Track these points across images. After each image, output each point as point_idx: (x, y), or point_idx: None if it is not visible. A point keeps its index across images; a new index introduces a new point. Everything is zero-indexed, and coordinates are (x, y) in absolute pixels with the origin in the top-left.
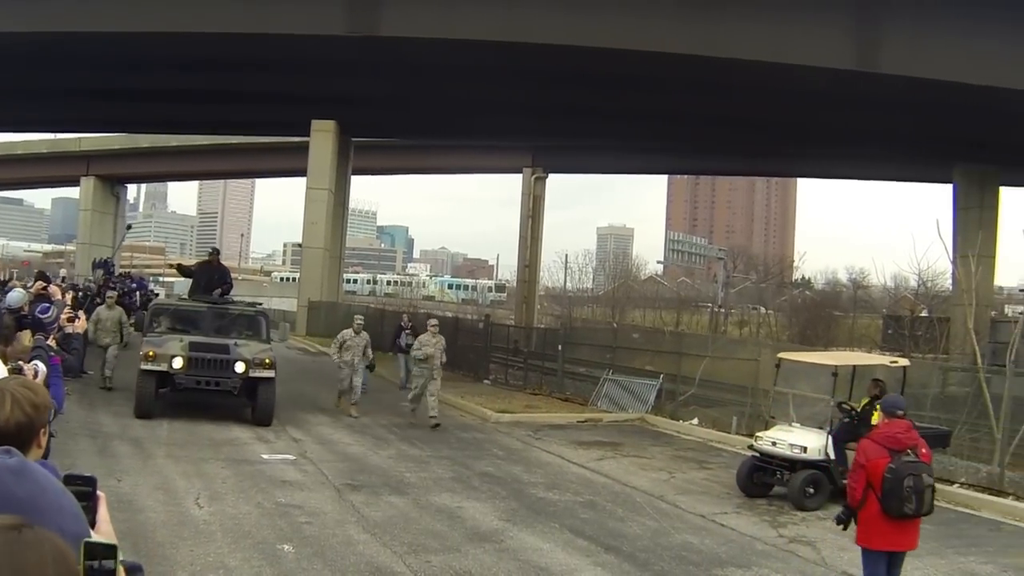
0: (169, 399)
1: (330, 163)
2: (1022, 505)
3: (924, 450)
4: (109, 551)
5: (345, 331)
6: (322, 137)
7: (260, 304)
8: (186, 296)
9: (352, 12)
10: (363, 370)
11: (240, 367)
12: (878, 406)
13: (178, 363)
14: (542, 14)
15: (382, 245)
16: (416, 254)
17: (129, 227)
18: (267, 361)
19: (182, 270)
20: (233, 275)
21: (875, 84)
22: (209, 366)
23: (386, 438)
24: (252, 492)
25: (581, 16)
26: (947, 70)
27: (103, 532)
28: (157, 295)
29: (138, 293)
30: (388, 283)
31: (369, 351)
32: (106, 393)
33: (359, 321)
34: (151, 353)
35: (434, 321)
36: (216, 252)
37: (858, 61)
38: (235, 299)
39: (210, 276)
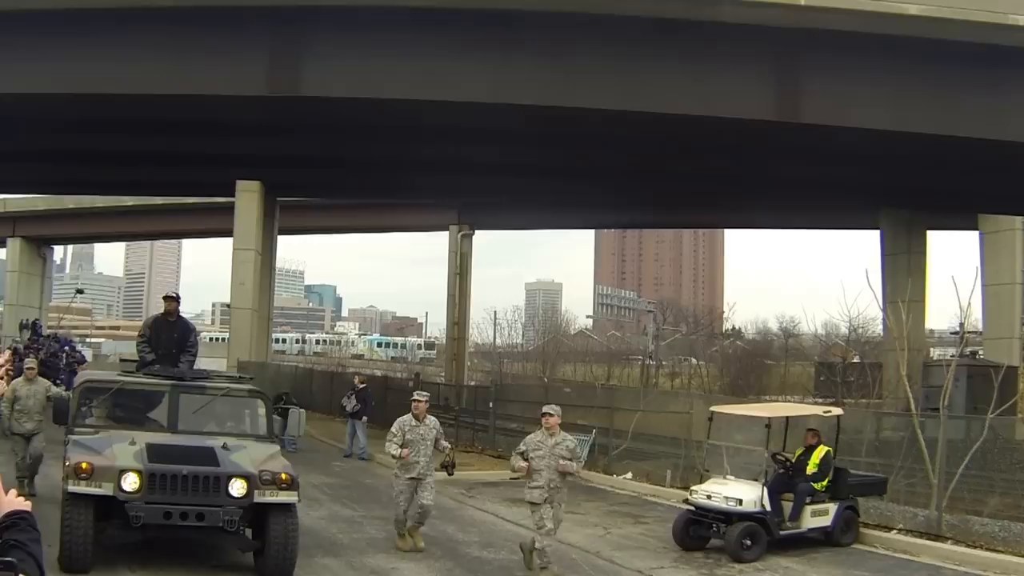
0: (118, 541)
1: (256, 223)
2: (961, 549)
3: None
4: None
5: (403, 417)
6: (247, 198)
7: (250, 377)
8: (131, 365)
9: (273, 73)
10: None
11: (238, 488)
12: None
13: (131, 482)
14: (463, 73)
15: (310, 304)
16: (345, 313)
17: (80, 291)
18: (283, 477)
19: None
20: None
21: (797, 134)
22: (184, 487)
23: (318, 498)
24: (184, 556)
25: (503, 73)
26: (869, 118)
27: None
28: (84, 357)
29: (64, 353)
30: (317, 342)
31: (443, 441)
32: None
33: (423, 399)
34: (84, 465)
35: (553, 410)
36: (176, 299)
37: (779, 112)
38: (205, 368)
39: (170, 335)
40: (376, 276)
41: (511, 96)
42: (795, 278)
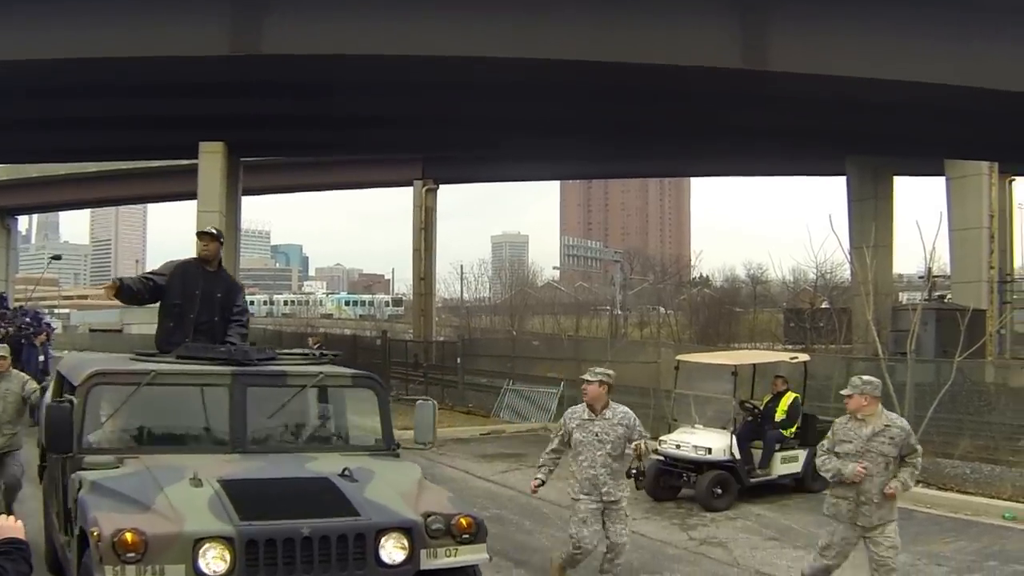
0: None
1: (220, 185)
2: (932, 492)
3: None
4: None
5: (574, 407)
6: (210, 159)
7: (333, 354)
8: (108, 339)
9: (233, 32)
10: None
11: (395, 548)
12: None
13: (217, 559)
14: (428, 25)
15: (277, 264)
16: (312, 272)
17: (57, 257)
18: (463, 523)
19: (126, 292)
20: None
21: (764, 82)
22: (307, 556)
23: None
24: None
25: (468, 25)
26: (836, 65)
27: None
28: (53, 328)
29: (27, 323)
30: (285, 303)
31: (638, 436)
32: None
33: (595, 379)
34: (130, 538)
35: (867, 384)
36: (217, 237)
37: (746, 60)
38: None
39: (209, 294)
40: (342, 234)
41: (476, 49)
42: (762, 225)
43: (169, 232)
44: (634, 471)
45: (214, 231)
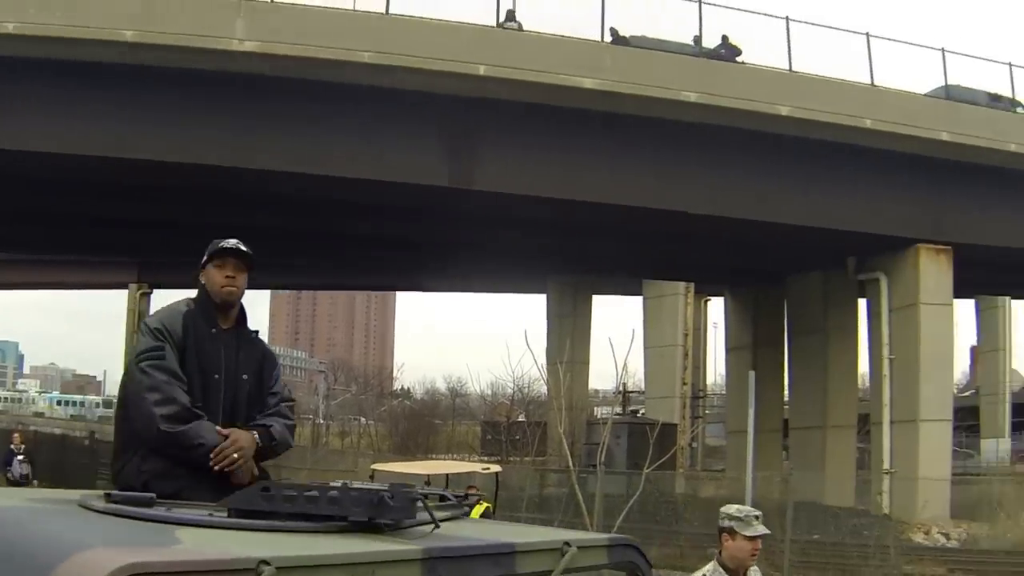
0: None
1: None
2: None
3: None
4: None
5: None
6: None
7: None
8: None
9: None
10: None
11: None
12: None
13: None
14: (147, 131)
15: None
16: (27, 370)
17: None
18: None
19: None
20: None
21: (471, 200)
22: None
23: None
24: None
25: (182, 132)
26: (537, 186)
27: None
28: None
29: None
30: None
31: None
32: None
33: (753, 535)
34: None
35: None
36: (247, 260)
37: (453, 178)
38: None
39: (234, 370)
40: (59, 334)
41: (186, 155)
42: (466, 339)
43: None
44: None
45: (244, 248)
